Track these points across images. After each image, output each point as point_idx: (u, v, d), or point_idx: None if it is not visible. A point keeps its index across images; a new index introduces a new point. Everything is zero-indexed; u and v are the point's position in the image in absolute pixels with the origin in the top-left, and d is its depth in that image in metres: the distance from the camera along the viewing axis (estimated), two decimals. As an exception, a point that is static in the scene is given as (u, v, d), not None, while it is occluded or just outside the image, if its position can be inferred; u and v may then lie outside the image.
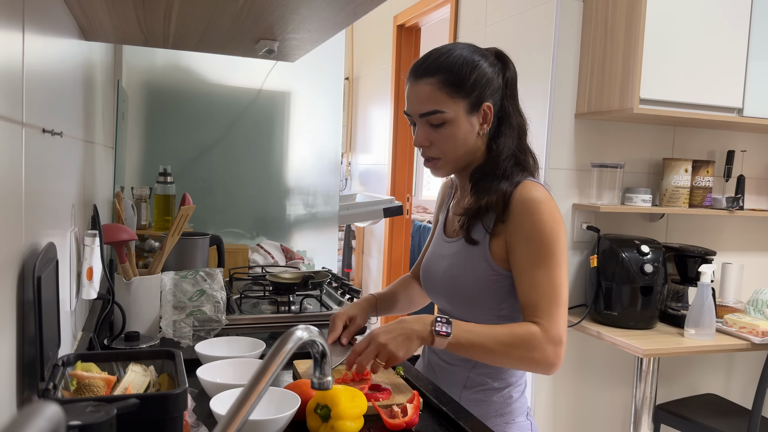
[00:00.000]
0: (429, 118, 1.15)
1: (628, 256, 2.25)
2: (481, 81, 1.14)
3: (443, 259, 1.24)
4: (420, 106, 1.16)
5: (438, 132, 1.15)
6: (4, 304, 0.64)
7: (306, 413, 0.96)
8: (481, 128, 1.17)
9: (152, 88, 2.34)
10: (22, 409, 0.67)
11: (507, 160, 1.17)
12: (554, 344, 1.07)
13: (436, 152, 1.18)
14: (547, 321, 1.08)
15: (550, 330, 1.08)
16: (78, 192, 1.20)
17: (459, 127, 1.15)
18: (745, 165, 2.69)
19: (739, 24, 2.27)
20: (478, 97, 1.14)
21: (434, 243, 1.31)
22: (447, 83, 1.13)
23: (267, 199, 2.53)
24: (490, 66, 1.17)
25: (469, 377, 1.19)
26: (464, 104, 1.14)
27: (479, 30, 2.96)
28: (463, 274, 1.17)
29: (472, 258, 1.16)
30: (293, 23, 1.18)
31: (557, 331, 1.08)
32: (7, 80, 0.64)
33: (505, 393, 1.20)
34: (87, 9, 1.11)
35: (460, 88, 1.13)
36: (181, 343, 1.37)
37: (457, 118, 1.14)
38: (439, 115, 1.14)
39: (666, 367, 2.60)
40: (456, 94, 1.13)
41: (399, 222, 4.12)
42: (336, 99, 2.64)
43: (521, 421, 1.21)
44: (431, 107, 1.14)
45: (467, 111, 1.15)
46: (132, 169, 2.32)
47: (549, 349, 1.07)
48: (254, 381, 0.67)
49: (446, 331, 1.06)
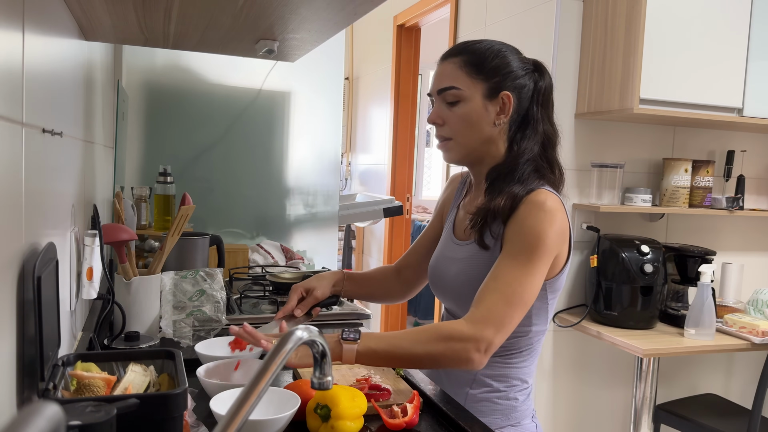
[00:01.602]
0: (445, 95, 1.16)
1: (628, 256, 2.25)
2: (503, 69, 1.15)
3: (453, 262, 1.22)
4: (438, 83, 1.18)
5: (452, 111, 1.16)
6: (4, 304, 0.64)
7: (306, 413, 0.96)
8: (498, 118, 1.15)
9: (152, 88, 2.34)
10: (22, 409, 0.67)
11: (527, 164, 1.15)
12: (474, 341, 1.02)
13: (447, 131, 1.18)
14: (481, 316, 1.03)
15: (478, 325, 1.02)
16: (78, 192, 1.20)
17: (473, 109, 1.14)
18: (745, 165, 2.69)
19: (739, 24, 2.27)
20: (497, 83, 1.14)
21: (443, 244, 1.29)
22: (468, 63, 1.15)
23: (267, 199, 2.53)
24: (519, 62, 1.17)
25: (475, 379, 1.19)
26: (482, 87, 1.14)
27: (479, 30, 2.96)
28: (474, 280, 1.14)
29: (483, 265, 1.14)
30: (293, 23, 1.18)
31: (485, 330, 1.02)
32: (7, 80, 0.64)
33: (511, 396, 1.19)
34: (87, 9, 1.11)
35: (480, 69, 1.14)
36: (181, 343, 1.37)
37: (472, 99, 1.14)
38: (454, 91, 1.14)
39: (666, 367, 2.60)
40: (475, 75, 1.14)
41: (399, 222, 4.12)
42: (336, 99, 2.64)
43: (527, 423, 1.20)
44: (448, 83, 1.15)
45: (484, 95, 1.14)
46: (132, 169, 2.32)
47: (468, 345, 1.01)
48: (254, 381, 0.67)
49: (353, 337, 1.03)
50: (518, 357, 1.18)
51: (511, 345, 1.16)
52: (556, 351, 2.47)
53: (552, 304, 1.17)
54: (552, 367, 2.48)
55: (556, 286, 1.16)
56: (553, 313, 1.20)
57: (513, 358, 1.17)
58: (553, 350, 2.47)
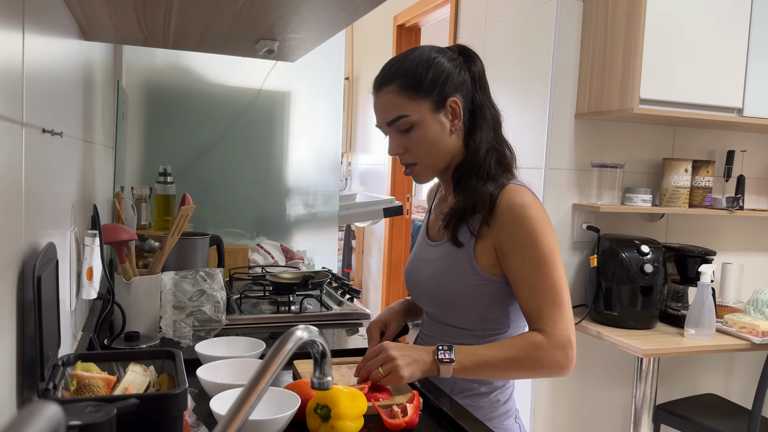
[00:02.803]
0: (396, 125, 1.15)
1: (628, 256, 2.25)
2: (440, 77, 1.13)
3: (427, 264, 1.23)
4: (385, 116, 1.16)
5: (408, 137, 1.15)
6: (4, 304, 0.64)
7: (306, 413, 0.96)
8: (453, 125, 1.15)
9: (152, 88, 2.34)
10: (22, 409, 0.67)
11: (488, 155, 1.15)
12: (561, 348, 1.06)
13: (411, 158, 1.17)
14: (551, 326, 1.07)
15: (555, 334, 1.06)
16: (78, 192, 1.20)
17: (428, 128, 1.14)
18: (745, 165, 2.69)
19: (739, 24, 2.27)
20: (440, 94, 1.13)
21: (417, 246, 1.30)
22: (405, 87, 1.13)
23: (267, 199, 2.53)
24: (449, 61, 1.15)
25: (455, 383, 1.19)
26: (427, 104, 1.13)
27: (479, 30, 2.96)
28: (447, 280, 1.16)
29: (456, 263, 1.15)
30: (293, 23, 1.18)
31: (562, 334, 1.07)
32: (7, 80, 0.64)
33: (492, 397, 1.19)
34: (87, 9, 1.11)
35: (419, 89, 1.12)
36: (181, 343, 1.37)
37: (424, 120, 1.13)
38: (404, 119, 1.13)
39: (666, 367, 2.60)
40: (416, 95, 1.12)
41: (399, 222, 4.12)
42: (336, 99, 2.64)
43: (509, 423, 1.21)
44: (395, 113, 1.14)
45: (432, 110, 1.13)
46: (132, 169, 2.32)
47: (557, 354, 1.06)
48: (254, 381, 0.67)
49: (449, 358, 1.06)
50: None
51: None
52: (556, 351, 2.47)
53: None
54: (552, 367, 2.47)
55: None
56: None
57: None
58: (553, 350, 2.47)
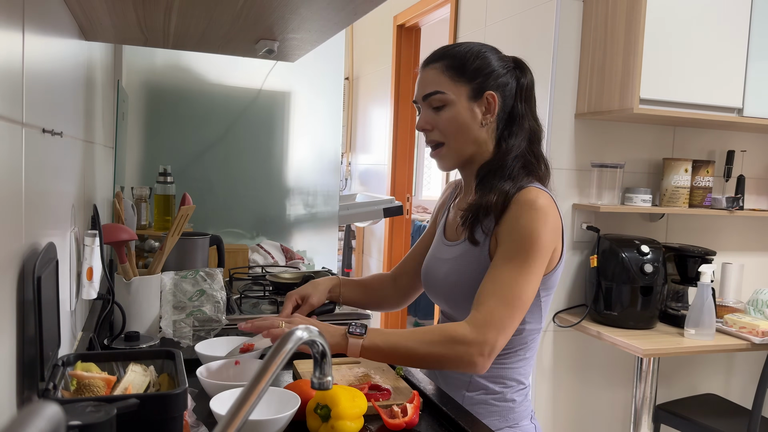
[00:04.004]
0: (430, 100, 1.17)
1: (628, 256, 2.25)
2: (485, 69, 1.16)
3: (443, 263, 1.23)
4: (423, 89, 1.19)
5: (439, 115, 1.17)
6: (4, 304, 0.64)
7: (306, 413, 0.96)
8: (485, 118, 1.17)
9: (152, 88, 2.34)
10: (22, 409, 0.67)
11: (515, 160, 1.16)
12: (480, 352, 1.03)
13: (437, 136, 1.19)
14: (483, 324, 1.03)
15: (481, 335, 1.03)
16: (78, 192, 1.20)
17: (459, 112, 1.16)
18: (745, 165, 2.69)
19: (739, 24, 2.27)
20: (480, 84, 1.16)
21: (434, 246, 1.30)
22: (450, 68, 1.16)
23: (267, 199, 2.53)
24: (498, 60, 1.18)
25: (471, 381, 1.19)
26: (466, 90, 1.16)
27: (479, 30, 2.96)
28: (463, 280, 1.16)
29: (471, 263, 1.15)
30: (293, 23, 1.18)
31: (490, 337, 1.03)
32: (7, 80, 0.64)
33: (508, 397, 1.19)
34: (87, 9, 1.11)
35: (462, 72, 1.15)
36: (181, 343, 1.36)
37: (458, 102, 1.15)
38: (439, 95, 1.16)
39: (666, 367, 2.60)
40: (458, 78, 1.16)
41: (399, 222, 4.12)
42: (336, 99, 2.64)
43: (525, 424, 1.20)
44: (433, 88, 1.17)
45: (469, 96, 1.16)
46: (132, 169, 2.32)
47: (473, 354, 1.03)
48: (254, 381, 0.67)
49: (359, 332, 1.05)
50: (513, 357, 1.18)
51: (505, 345, 1.16)
52: (556, 351, 2.47)
53: (546, 302, 1.17)
54: (552, 367, 2.48)
55: (550, 284, 1.16)
56: (547, 311, 1.19)
57: (508, 358, 1.17)
58: (553, 350, 2.47)
